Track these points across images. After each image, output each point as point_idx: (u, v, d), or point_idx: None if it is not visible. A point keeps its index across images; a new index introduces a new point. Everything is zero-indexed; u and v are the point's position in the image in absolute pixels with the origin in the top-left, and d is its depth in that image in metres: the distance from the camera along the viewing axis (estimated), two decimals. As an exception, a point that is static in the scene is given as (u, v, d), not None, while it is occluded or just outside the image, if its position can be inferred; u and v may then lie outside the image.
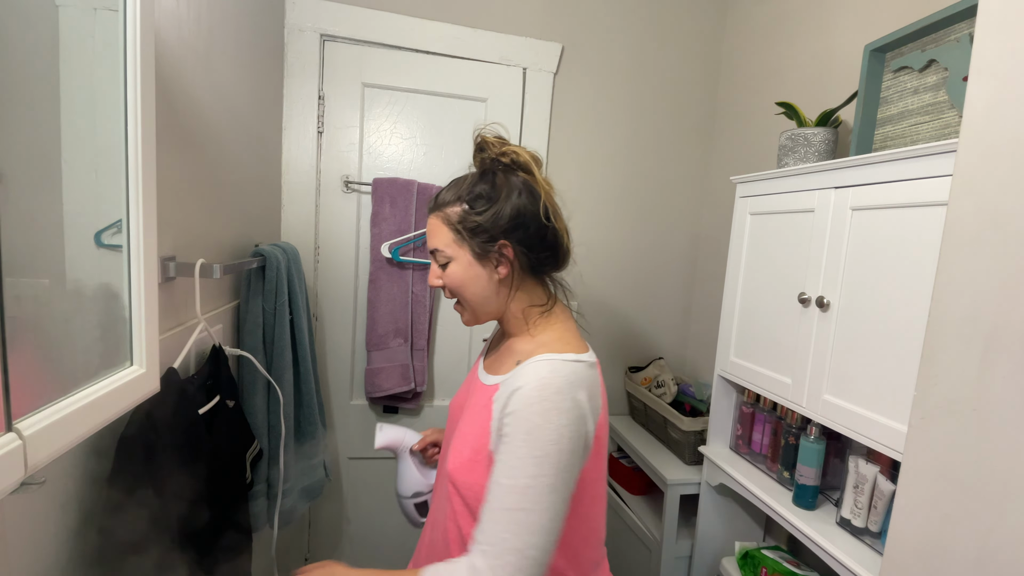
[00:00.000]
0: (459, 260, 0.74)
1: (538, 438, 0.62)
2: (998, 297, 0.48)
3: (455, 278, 0.75)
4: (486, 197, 0.74)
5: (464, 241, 0.74)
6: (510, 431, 0.63)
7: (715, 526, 1.38)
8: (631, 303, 1.84)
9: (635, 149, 1.77)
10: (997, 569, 0.48)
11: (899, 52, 1.03)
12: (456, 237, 0.74)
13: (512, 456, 0.62)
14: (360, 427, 1.65)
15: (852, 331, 0.92)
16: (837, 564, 0.92)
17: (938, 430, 0.53)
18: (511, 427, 0.64)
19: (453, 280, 0.75)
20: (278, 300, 1.13)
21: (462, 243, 0.74)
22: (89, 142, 0.51)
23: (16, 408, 0.37)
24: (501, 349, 0.81)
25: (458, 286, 0.75)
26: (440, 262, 0.76)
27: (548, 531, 0.61)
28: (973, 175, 0.51)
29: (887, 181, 0.86)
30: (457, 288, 0.76)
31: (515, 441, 0.63)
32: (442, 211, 0.75)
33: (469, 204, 0.74)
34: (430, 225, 0.77)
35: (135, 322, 0.54)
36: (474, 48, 1.59)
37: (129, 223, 0.53)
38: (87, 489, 0.63)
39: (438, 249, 0.75)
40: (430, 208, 0.78)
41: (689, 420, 1.45)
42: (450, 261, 0.75)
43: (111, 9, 0.49)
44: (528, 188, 0.75)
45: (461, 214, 0.74)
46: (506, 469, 0.63)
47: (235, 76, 1.07)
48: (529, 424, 0.62)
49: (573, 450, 0.64)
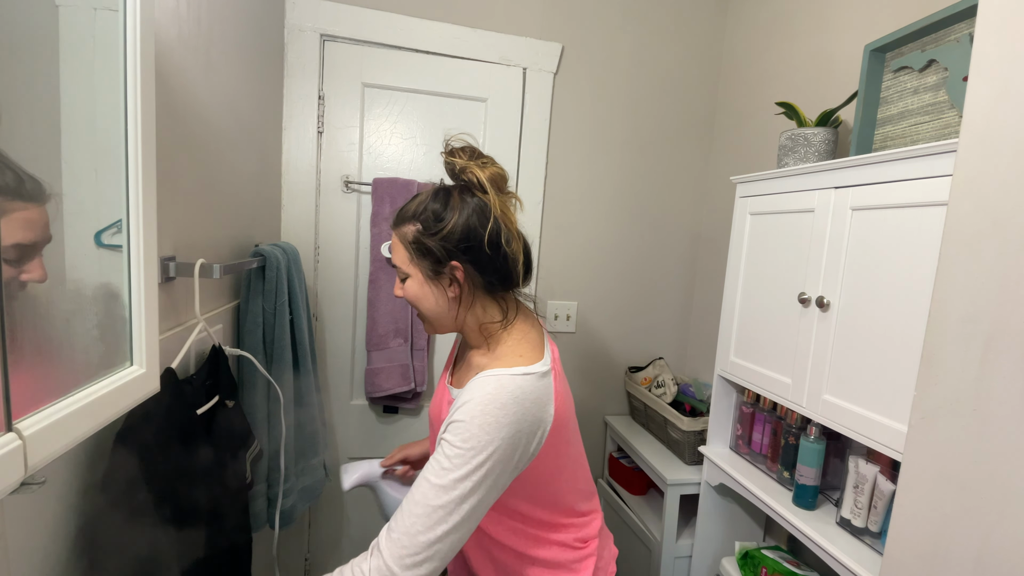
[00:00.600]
0: (414, 277, 0.77)
1: (472, 447, 0.65)
2: (998, 297, 0.48)
3: (411, 293, 0.78)
4: (435, 217, 0.75)
5: (418, 259, 0.76)
6: (449, 436, 0.67)
7: (715, 526, 1.38)
8: (631, 303, 1.84)
9: (635, 149, 1.77)
10: (997, 569, 0.48)
11: (899, 52, 1.03)
12: (410, 256, 0.77)
13: (444, 458, 0.66)
14: (360, 427, 1.65)
15: (852, 331, 0.92)
16: (837, 564, 0.92)
17: (938, 430, 0.53)
18: (450, 433, 0.67)
19: (409, 295, 0.79)
20: (278, 300, 1.13)
21: (417, 262, 0.76)
22: (89, 142, 0.51)
23: (16, 408, 0.37)
24: (465, 361, 0.85)
25: (414, 301, 0.79)
26: (400, 277, 0.79)
27: (459, 531, 0.65)
28: (973, 175, 0.51)
29: (887, 181, 0.86)
30: (414, 303, 0.79)
31: (451, 445, 0.66)
32: (399, 229, 0.78)
33: (422, 224, 0.75)
34: (392, 240, 0.80)
35: (135, 322, 0.54)
36: (474, 48, 1.59)
37: (129, 223, 0.53)
38: (87, 489, 0.63)
39: (396, 266, 0.79)
40: (392, 223, 0.80)
41: (689, 420, 1.45)
42: (408, 277, 0.78)
43: (111, 9, 0.49)
44: (480, 209, 0.75)
45: (415, 234, 0.76)
46: (436, 468, 0.66)
47: (235, 76, 1.07)
48: (467, 433, 0.65)
49: (505, 461, 0.67)
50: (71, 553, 0.61)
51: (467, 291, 0.77)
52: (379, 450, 1.67)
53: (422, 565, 0.63)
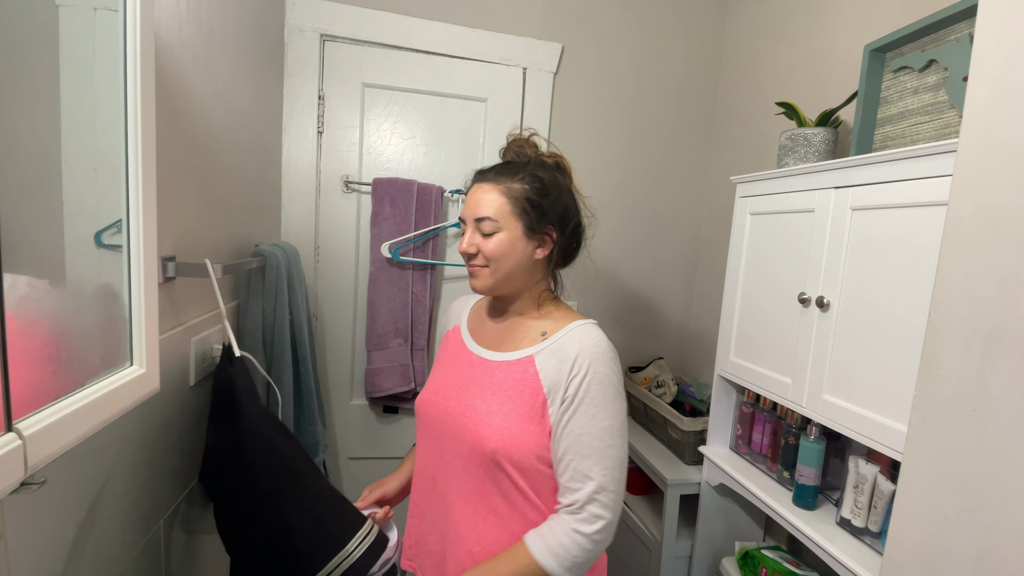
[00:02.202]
0: (509, 231, 0.78)
1: (611, 385, 0.74)
2: (998, 297, 0.48)
3: (500, 247, 0.78)
4: (546, 184, 0.80)
5: (520, 215, 0.78)
6: (585, 385, 0.73)
7: (715, 526, 1.38)
8: (631, 303, 1.84)
9: (635, 149, 1.77)
10: (997, 569, 0.48)
11: (899, 52, 1.03)
12: (513, 209, 0.78)
13: (592, 406, 0.73)
14: (360, 427, 1.65)
15: (852, 331, 0.92)
16: (837, 564, 0.92)
17: (938, 430, 0.53)
18: (586, 382, 0.73)
19: (498, 249, 0.78)
20: (278, 300, 1.13)
21: (518, 216, 0.78)
22: (89, 142, 0.51)
23: (16, 408, 0.37)
24: (503, 327, 0.85)
25: (499, 255, 0.78)
26: (485, 231, 0.78)
27: (624, 463, 0.75)
28: (973, 175, 0.51)
29: (887, 181, 0.86)
30: (498, 257, 0.78)
31: (592, 392, 0.73)
32: (501, 183, 0.79)
33: (530, 185, 0.79)
34: (481, 193, 0.79)
35: (135, 322, 0.54)
36: (474, 48, 1.59)
37: (129, 223, 0.53)
38: (88, 489, 0.63)
39: (488, 217, 0.78)
40: (483, 178, 0.81)
41: (689, 420, 1.45)
42: (498, 231, 0.78)
43: (111, 9, 0.49)
44: (570, 190, 0.84)
45: (524, 190, 0.78)
46: (587, 419, 0.73)
47: (235, 76, 1.07)
48: (600, 375, 0.73)
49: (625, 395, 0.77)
50: (71, 553, 0.61)
51: (550, 256, 0.82)
52: (379, 450, 1.67)
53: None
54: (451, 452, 0.79)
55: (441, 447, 0.81)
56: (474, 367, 0.82)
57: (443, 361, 0.90)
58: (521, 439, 0.74)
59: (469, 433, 0.76)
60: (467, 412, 0.78)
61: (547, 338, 0.79)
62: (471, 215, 0.79)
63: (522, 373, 0.77)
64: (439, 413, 0.82)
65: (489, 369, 0.80)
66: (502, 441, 0.74)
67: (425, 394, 0.87)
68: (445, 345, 0.92)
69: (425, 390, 0.88)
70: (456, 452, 0.78)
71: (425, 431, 0.85)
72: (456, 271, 1.67)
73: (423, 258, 1.57)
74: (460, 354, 0.86)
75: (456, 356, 0.87)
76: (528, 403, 0.75)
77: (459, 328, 0.91)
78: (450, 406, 0.81)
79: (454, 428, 0.79)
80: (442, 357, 0.91)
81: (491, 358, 0.82)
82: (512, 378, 0.78)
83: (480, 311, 0.92)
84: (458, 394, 0.81)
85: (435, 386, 0.86)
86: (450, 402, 0.81)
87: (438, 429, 0.82)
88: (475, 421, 0.76)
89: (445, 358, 0.90)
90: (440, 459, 0.82)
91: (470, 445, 0.76)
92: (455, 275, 1.68)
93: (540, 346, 0.78)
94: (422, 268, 1.58)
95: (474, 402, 0.78)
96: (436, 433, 0.82)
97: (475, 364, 0.83)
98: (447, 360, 0.88)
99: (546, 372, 0.76)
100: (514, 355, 0.80)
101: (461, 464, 0.78)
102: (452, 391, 0.82)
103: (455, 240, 1.66)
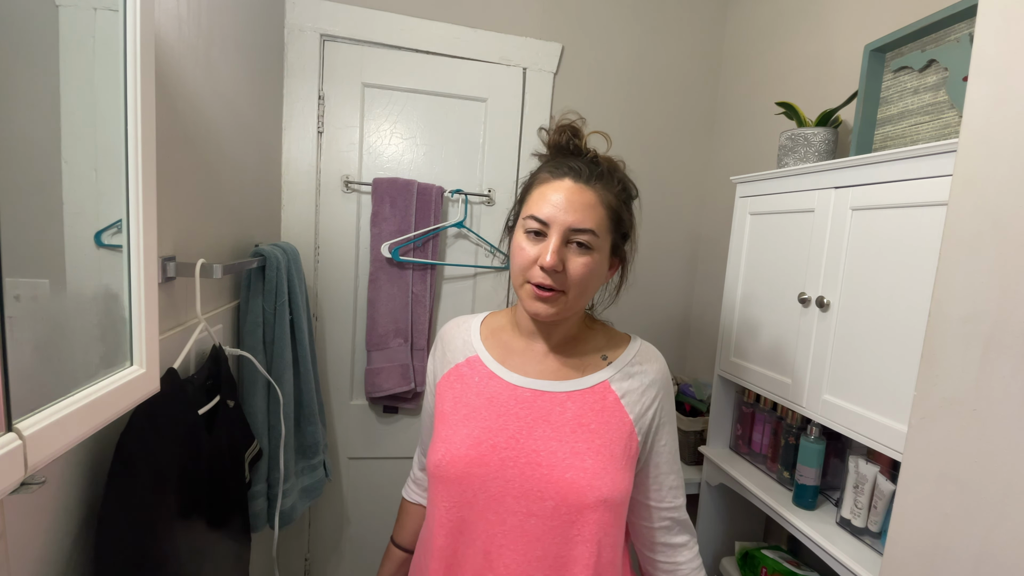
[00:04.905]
0: (600, 249, 0.65)
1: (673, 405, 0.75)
2: (998, 297, 0.48)
3: (591, 270, 0.64)
4: (630, 195, 0.68)
5: (610, 231, 0.65)
6: (667, 406, 0.73)
7: (715, 526, 1.38)
8: (631, 303, 1.84)
9: (635, 149, 1.77)
10: (997, 569, 0.48)
11: (899, 52, 1.03)
12: (609, 224, 0.65)
13: (670, 423, 0.73)
14: (360, 427, 1.65)
15: (852, 331, 0.92)
16: (837, 564, 0.92)
17: (938, 430, 0.53)
18: (667, 403, 0.73)
19: (588, 272, 0.64)
20: (278, 300, 1.13)
21: (609, 233, 0.65)
22: (89, 142, 0.51)
23: (16, 408, 0.37)
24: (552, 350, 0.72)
25: (587, 280, 0.64)
26: (581, 242, 0.63)
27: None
28: (973, 175, 0.51)
29: (887, 181, 0.86)
30: (585, 282, 0.64)
31: (671, 414, 0.74)
32: (597, 188, 0.64)
33: (618, 196, 0.66)
34: (580, 196, 0.63)
35: (135, 322, 0.54)
36: (474, 48, 1.59)
37: (129, 223, 0.53)
38: (88, 489, 0.63)
39: (591, 231, 0.62)
40: (578, 176, 0.64)
41: (689, 420, 1.45)
42: (593, 250, 0.63)
43: (111, 9, 0.49)
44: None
45: (616, 201, 0.65)
46: (672, 441, 0.73)
47: (235, 76, 1.07)
48: (672, 392, 0.75)
49: None
50: (71, 553, 0.61)
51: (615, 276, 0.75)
52: (379, 450, 1.67)
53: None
54: (521, 513, 0.64)
55: (501, 511, 0.64)
56: (530, 403, 0.67)
57: (470, 404, 0.70)
58: (618, 477, 0.63)
59: (554, 484, 0.62)
60: (544, 458, 0.63)
61: (611, 361, 0.71)
62: (565, 221, 0.61)
63: (600, 402, 0.66)
64: (493, 468, 0.65)
65: (556, 402, 0.67)
66: (605, 486, 0.62)
67: (456, 449, 0.66)
68: (462, 384, 0.72)
69: (452, 445, 0.67)
70: (530, 512, 0.63)
71: (467, 497, 0.66)
72: (456, 271, 1.67)
73: (423, 258, 1.57)
74: (498, 390, 0.69)
75: (492, 394, 0.69)
76: (615, 434, 0.65)
77: (478, 359, 0.73)
78: (512, 456, 0.64)
79: (526, 483, 0.63)
80: (465, 399, 0.70)
81: (554, 389, 0.68)
82: (591, 408, 0.66)
83: (499, 334, 0.76)
84: (519, 438, 0.65)
85: (473, 436, 0.66)
86: (510, 451, 0.65)
87: (495, 489, 0.65)
88: (562, 467, 0.63)
89: (472, 399, 0.70)
90: (500, 527, 0.65)
91: (557, 499, 0.62)
92: (455, 275, 1.68)
93: (611, 369, 0.70)
94: (422, 268, 1.58)
95: (550, 444, 0.64)
96: (490, 494, 0.65)
97: (530, 399, 0.68)
98: (477, 402, 0.69)
99: (630, 398, 0.68)
100: (584, 382, 0.68)
101: (540, 527, 0.63)
102: (506, 437, 0.66)
103: (455, 240, 1.66)
